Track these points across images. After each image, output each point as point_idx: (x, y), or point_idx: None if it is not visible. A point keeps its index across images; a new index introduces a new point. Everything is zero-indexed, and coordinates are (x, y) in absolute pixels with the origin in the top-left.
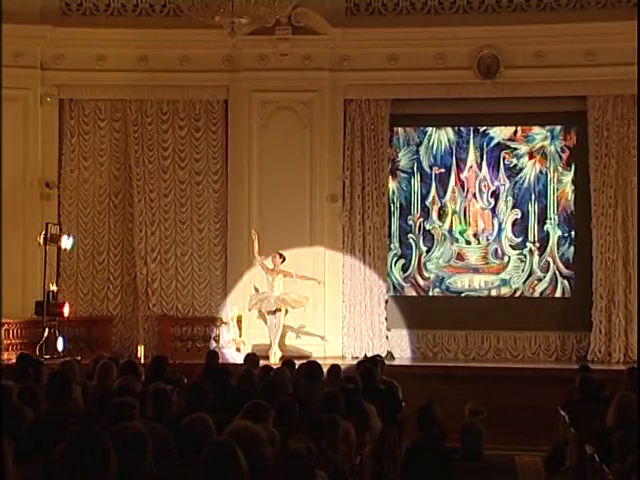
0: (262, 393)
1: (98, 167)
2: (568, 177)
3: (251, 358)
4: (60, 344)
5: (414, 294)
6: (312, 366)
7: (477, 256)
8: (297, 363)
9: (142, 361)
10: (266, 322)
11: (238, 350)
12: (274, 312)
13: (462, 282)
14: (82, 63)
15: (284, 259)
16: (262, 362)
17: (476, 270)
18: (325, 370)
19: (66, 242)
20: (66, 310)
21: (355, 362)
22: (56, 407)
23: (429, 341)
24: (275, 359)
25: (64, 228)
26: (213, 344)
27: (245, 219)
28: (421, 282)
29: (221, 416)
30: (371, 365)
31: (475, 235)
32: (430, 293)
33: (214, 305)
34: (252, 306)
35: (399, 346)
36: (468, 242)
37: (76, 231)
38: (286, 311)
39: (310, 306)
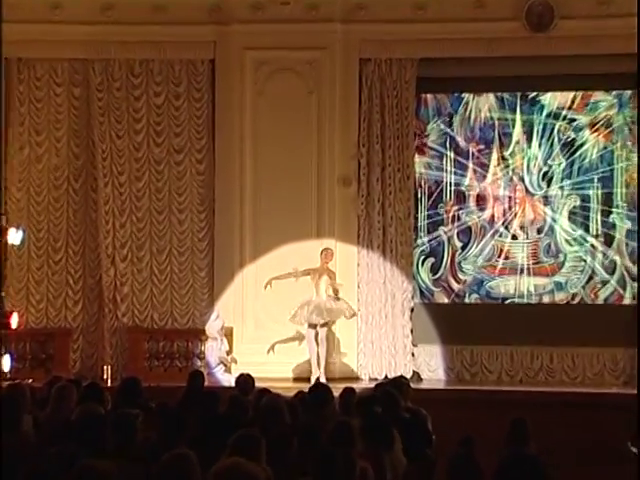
0: (253, 423)
1: (54, 143)
2: None
3: (244, 380)
4: (6, 363)
5: (446, 301)
6: (319, 390)
7: (525, 254)
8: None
9: (109, 384)
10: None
11: (228, 370)
12: (323, 325)
13: (506, 286)
14: (33, 13)
15: (332, 255)
16: (301, 386)
17: (524, 271)
18: (336, 395)
19: (14, 237)
20: (14, 321)
21: (373, 385)
22: (1, 442)
23: (465, 359)
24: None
25: (11, 219)
26: (197, 363)
27: (236, 208)
28: (455, 286)
29: (207, 452)
30: (393, 389)
31: (523, 227)
32: (466, 300)
33: (198, 315)
34: (302, 319)
35: (428, 365)
36: (514, 236)
37: (26, 223)
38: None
39: None
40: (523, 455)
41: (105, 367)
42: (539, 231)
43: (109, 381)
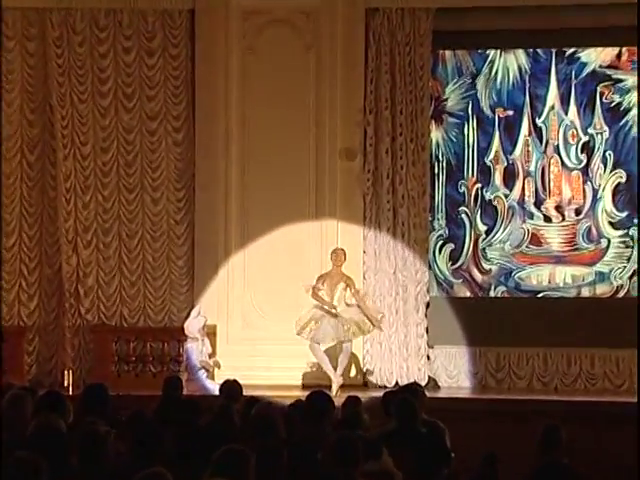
0: (241, 437)
1: (4, 108)
2: None
3: (229, 387)
4: None
5: (468, 294)
6: (318, 398)
7: (561, 239)
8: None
9: (70, 392)
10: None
11: (210, 376)
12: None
13: (539, 277)
14: None
15: (345, 255)
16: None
17: (560, 259)
18: (338, 404)
19: None
20: None
21: (382, 393)
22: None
23: (490, 363)
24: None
25: None
26: (175, 367)
27: (221, 185)
28: (478, 277)
29: (186, 471)
30: (411, 397)
31: (558, 208)
32: (491, 293)
33: (176, 311)
34: (317, 337)
35: (446, 371)
36: (548, 218)
37: None
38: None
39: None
40: (556, 464)
41: (66, 372)
42: (578, 212)
43: (70, 389)
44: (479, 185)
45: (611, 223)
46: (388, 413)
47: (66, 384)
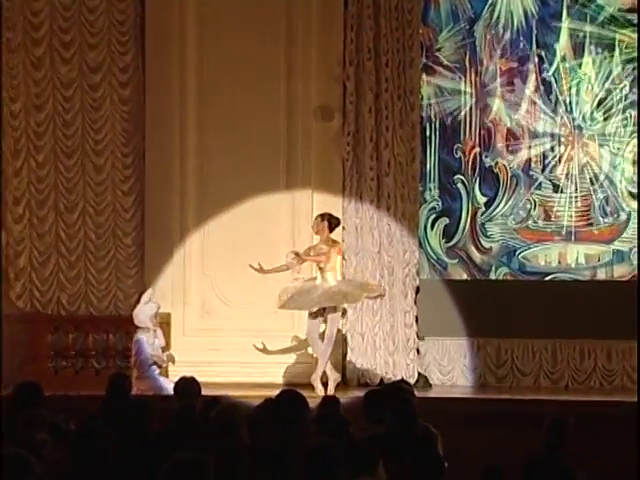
0: (199, 443)
1: None
2: None
3: (186, 385)
4: None
5: (465, 277)
6: (290, 399)
7: (574, 212)
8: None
9: None
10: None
11: (163, 373)
12: (321, 314)
13: (547, 256)
14: None
15: (337, 223)
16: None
17: (572, 236)
18: (314, 406)
19: None
20: None
21: (364, 393)
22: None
23: (490, 358)
24: (324, 388)
25: None
26: (121, 363)
27: (175, 150)
28: (477, 257)
29: None
30: (408, 394)
31: (570, 176)
32: (492, 275)
33: (123, 297)
34: (304, 304)
35: (439, 366)
36: (558, 188)
37: None
38: (343, 312)
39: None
40: (554, 463)
41: None
42: (593, 181)
43: None
44: (478, 150)
45: (631, 194)
46: (370, 416)
47: None
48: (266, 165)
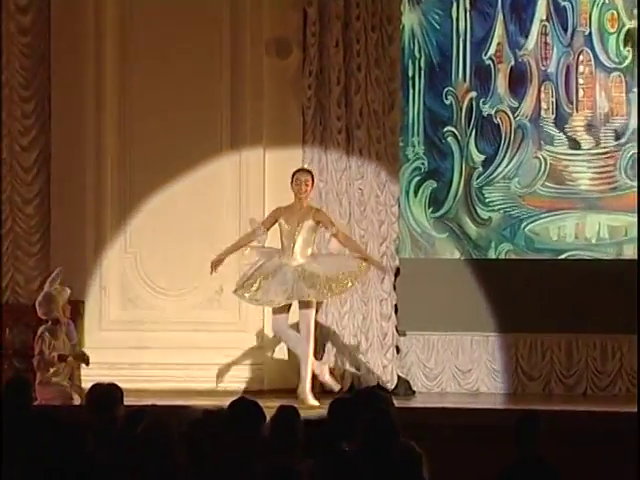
0: (120, 465)
1: None
2: None
3: (104, 393)
4: None
5: (457, 255)
6: (241, 408)
7: (594, 174)
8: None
9: None
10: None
11: (75, 378)
12: (287, 308)
13: (561, 230)
14: None
15: (312, 180)
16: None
17: (592, 204)
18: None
19: None
20: None
21: (330, 402)
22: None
23: (489, 358)
24: (312, 399)
25: None
26: (21, 364)
27: (90, 89)
28: (472, 230)
29: None
30: (382, 409)
31: (590, 128)
32: (491, 254)
33: (23, 281)
34: (269, 294)
35: (424, 368)
36: (575, 143)
37: None
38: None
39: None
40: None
41: None
42: (618, 135)
43: None
44: (474, 94)
45: None
46: (337, 431)
47: None
48: (205, 114)
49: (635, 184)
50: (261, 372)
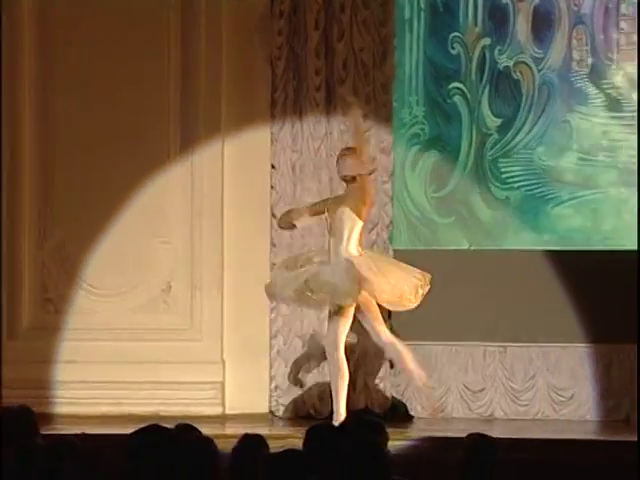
0: None
1: None
2: None
3: (15, 418)
4: None
5: (465, 246)
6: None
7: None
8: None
9: None
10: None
11: None
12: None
13: (597, 213)
14: None
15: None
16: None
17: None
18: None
19: None
20: None
21: (306, 430)
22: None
23: (505, 373)
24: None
25: None
26: None
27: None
28: (485, 213)
29: None
30: (369, 440)
31: (634, 84)
32: (508, 243)
33: None
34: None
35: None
36: (615, 103)
37: None
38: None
39: (168, 280)
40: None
41: None
42: None
43: None
44: (487, 41)
45: None
46: (315, 466)
47: None
48: (145, 63)
49: None
50: (220, 393)
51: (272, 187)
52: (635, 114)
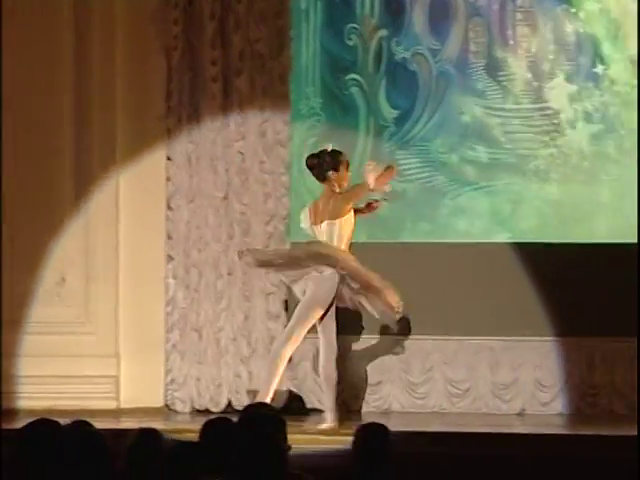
0: None
1: None
2: None
3: None
4: None
5: (363, 240)
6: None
7: (535, 134)
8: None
9: None
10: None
11: None
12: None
13: (495, 206)
14: None
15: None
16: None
17: (533, 172)
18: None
19: None
20: None
21: (202, 425)
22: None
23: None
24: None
25: None
26: None
27: None
28: (381, 206)
29: None
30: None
31: (531, 75)
32: (405, 236)
33: None
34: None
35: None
36: (511, 96)
37: None
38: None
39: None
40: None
41: None
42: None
43: None
44: (384, 33)
45: None
46: (209, 462)
47: None
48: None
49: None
50: (115, 387)
51: (168, 179)
52: (530, 106)
